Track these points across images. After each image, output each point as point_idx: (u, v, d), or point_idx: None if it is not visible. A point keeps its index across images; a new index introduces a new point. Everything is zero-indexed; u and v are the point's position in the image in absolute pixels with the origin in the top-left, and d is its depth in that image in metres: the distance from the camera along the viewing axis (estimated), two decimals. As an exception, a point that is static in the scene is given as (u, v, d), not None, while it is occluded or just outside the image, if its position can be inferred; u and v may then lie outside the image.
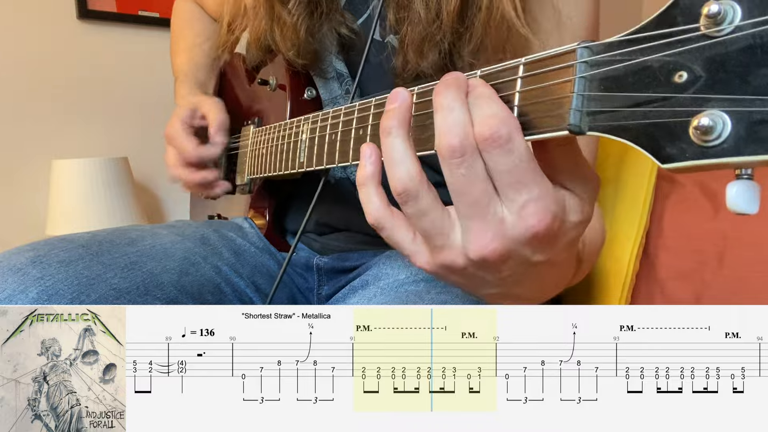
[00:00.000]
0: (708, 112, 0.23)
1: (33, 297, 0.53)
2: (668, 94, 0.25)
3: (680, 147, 0.24)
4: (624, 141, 0.27)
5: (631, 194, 0.84)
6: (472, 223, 0.33)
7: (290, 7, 0.69)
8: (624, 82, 0.27)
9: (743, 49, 0.23)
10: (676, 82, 0.25)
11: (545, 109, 0.31)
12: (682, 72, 0.25)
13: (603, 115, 0.28)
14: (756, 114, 0.22)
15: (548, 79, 0.31)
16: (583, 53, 0.29)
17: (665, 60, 0.25)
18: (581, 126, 0.29)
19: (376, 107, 0.45)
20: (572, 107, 0.29)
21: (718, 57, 0.24)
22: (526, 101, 0.32)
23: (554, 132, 0.30)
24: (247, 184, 0.82)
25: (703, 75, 0.24)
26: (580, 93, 0.29)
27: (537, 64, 0.32)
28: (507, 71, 0.34)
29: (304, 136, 0.59)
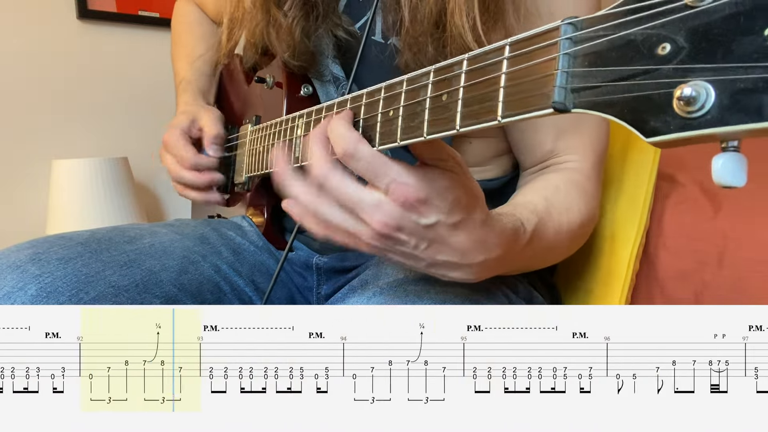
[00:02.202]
0: (691, 83, 0.23)
1: (32, 294, 0.53)
2: (651, 66, 0.24)
3: (664, 120, 0.24)
4: (608, 117, 0.26)
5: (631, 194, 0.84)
6: (362, 211, 0.43)
7: (286, 9, 0.69)
8: (608, 56, 0.27)
9: (726, 18, 0.22)
10: (660, 54, 0.24)
11: (531, 89, 0.31)
12: (665, 44, 0.24)
13: (587, 91, 0.27)
14: (739, 82, 0.21)
15: (533, 58, 0.31)
16: (567, 30, 0.29)
17: (648, 32, 0.25)
18: (566, 103, 0.28)
19: (368, 97, 0.46)
20: (556, 84, 0.28)
21: (701, 27, 0.23)
22: (512, 81, 0.32)
23: (539, 110, 0.30)
24: (246, 183, 0.82)
25: (686, 46, 0.23)
26: (565, 70, 0.28)
27: (523, 44, 0.32)
28: (493, 53, 0.34)
29: (299, 131, 0.59)
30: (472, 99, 0.35)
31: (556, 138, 0.65)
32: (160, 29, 1.68)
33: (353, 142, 0.42)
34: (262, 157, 0.73)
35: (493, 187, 0.71)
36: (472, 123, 0.35)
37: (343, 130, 0.43)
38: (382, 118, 0.43)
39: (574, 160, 0.65)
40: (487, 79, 0.34)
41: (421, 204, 0.42)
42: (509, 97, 0.32)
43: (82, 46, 1.61)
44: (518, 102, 0.31)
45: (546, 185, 0.62)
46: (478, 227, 0.45)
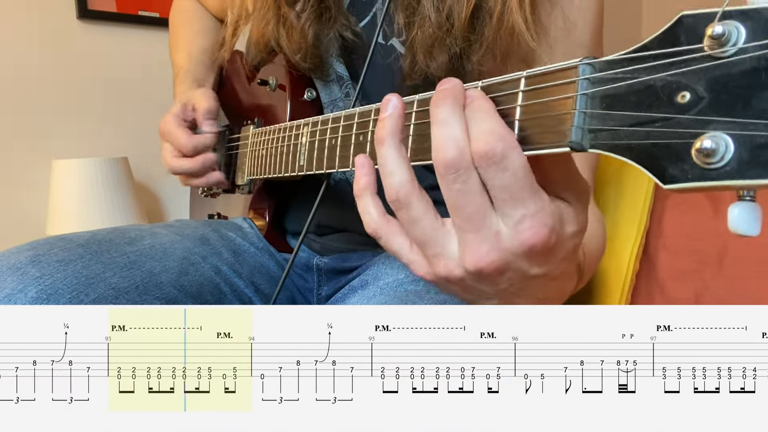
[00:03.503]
0: (710, 135, 0.23)
1: (32, 296, 0.53)
2: (670, 114, 0.25)
3: (682, 168, 0.24)
4: (626, 160, 0.27)
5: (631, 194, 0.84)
6: (468, 235, 0.34)
7: (299, 10, 0.68)
8: (626, 100, 0.27)
9: (747, 72, 0.22)
10: (679, 103, 0.25)
11: (546, 125, 0.31)
12: (685, 92, 0.24)
13: (605, 133, 0.28)
14: (759, 138, 0.22)
15: (550, 95, 0.31)
16: (586, 70, 0.29)
17: (668, 79, 0.25)
18: (583, 143, 0.29)
19: (376, 114, 0.45)
20: (574, 124, 0.29)
21: (721, 78, 0.23)
22: (527, 116, 0.32)
23: (555, 148, 0.30)
24: (247, 185, 0.82)
25: (706, 96, 0.24)
26: (582, 110, 0.29)
27: (539, 79, 0.32)
28: (508, 84, 0.34)
29: (304, 139, 0.59)
30: None
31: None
32: (160, 29, 1.67)
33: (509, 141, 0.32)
34: (265, 161, 0.73)
35: None
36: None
37: (497, 125, 0.32)
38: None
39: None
40: (501, 109, 0.34)
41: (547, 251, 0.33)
42: (524, 132, 0.32)
43: (82, 46, 1.61)
44: (533, 137, 0.32)
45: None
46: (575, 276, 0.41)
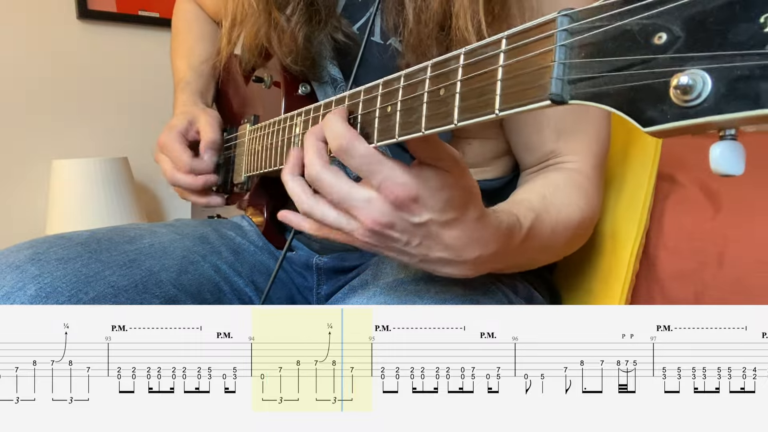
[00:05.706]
0: (688, 72, 0.23)
1: (31, 294, 0.53)
2: (648, 56, 0.24)
3: (661, 109, 0.24)
4: (605, 107, 0.26)
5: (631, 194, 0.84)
6: (354, 208, 0.43)
7: (288, 14, 0.69)
8: (604, 47, 0.26)
9: (721, 6, 0.22)
10: (656, 44, 0.24)
11: (528, 81, 0.31)
12: (662, 33, 0.24)
13: (584, 82, 0.27)
14: (736, 70, 0.21)
15: (530, 51, 0.31)
16: (564, 21, 0.29)
17: (644, 22, 0.25)
18: (563, 95, 0.28)
19: (365, 93, 0.46)
20: (553, 76, 0.28)
21: (697, 15, 0.23)
22: (509, 74, 0.32)
23: (537, 103, 0.30)
24: (245, 182, 0.82)
25: (682, 35, 0.23)
26: (561, 61, 0.28)
27: (519, 36, 0.32)
28: (490, 46, 0.34)
29: (297, 130, 0.59)
30: (470, 93, 0.35)
31: (557, 138, 0.65)
32: (160, 29, 1.68)
33: (348, 139, 0.43)
34: (260, 156, 0.73)
35: (494, 187, 0.71)
36: (469, 117, 0.35)
37: (338, 127, 0.43)
38: (381, 113, 0.43)
39: (574, 160, 0.65)
40: (484, 72, 0.34)
41: (412, 202, 0.42)
42: (506, 90, 0.32)
43: (82, 46, 1.62)
44: (515, 95, 0.31)
45: (545, 183, 0.62)
46: (473, 224, 0.45)
